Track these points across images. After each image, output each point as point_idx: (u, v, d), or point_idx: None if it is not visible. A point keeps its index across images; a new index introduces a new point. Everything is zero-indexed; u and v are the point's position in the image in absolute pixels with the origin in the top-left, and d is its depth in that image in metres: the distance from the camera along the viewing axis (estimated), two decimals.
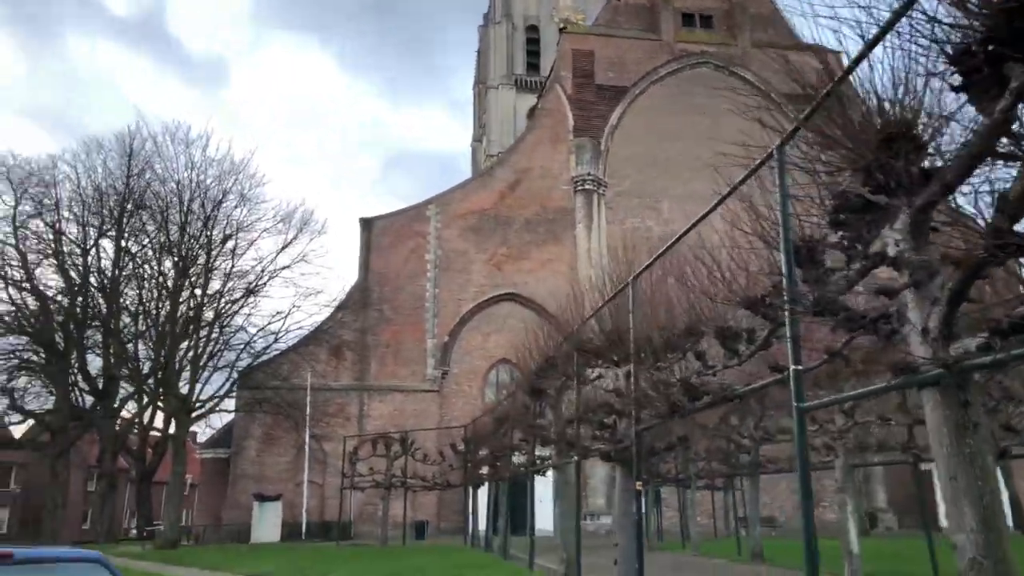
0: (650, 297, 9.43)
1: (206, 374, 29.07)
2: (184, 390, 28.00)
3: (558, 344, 13.24)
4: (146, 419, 35.56)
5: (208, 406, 29.56)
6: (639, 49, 40.59)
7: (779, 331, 6.61)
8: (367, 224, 36.71)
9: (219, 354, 29.52)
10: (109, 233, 33.08)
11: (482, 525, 24.82)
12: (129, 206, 32.67)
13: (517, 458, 17.57)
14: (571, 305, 13.84)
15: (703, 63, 40.68)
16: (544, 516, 23.93)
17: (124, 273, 32.63)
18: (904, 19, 4.05)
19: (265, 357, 30.83)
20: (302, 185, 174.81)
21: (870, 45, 4.87)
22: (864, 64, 5.04)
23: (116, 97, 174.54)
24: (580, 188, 37.68)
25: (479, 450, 24.23)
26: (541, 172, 38.18)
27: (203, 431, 36.24)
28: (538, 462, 15.09)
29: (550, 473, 23.06)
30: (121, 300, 32.16)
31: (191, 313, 29.24)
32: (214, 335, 29.26)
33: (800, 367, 5.78)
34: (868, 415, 13.53)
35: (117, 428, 32.90)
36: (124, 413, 35.29)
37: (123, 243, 31.93)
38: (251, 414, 32.35)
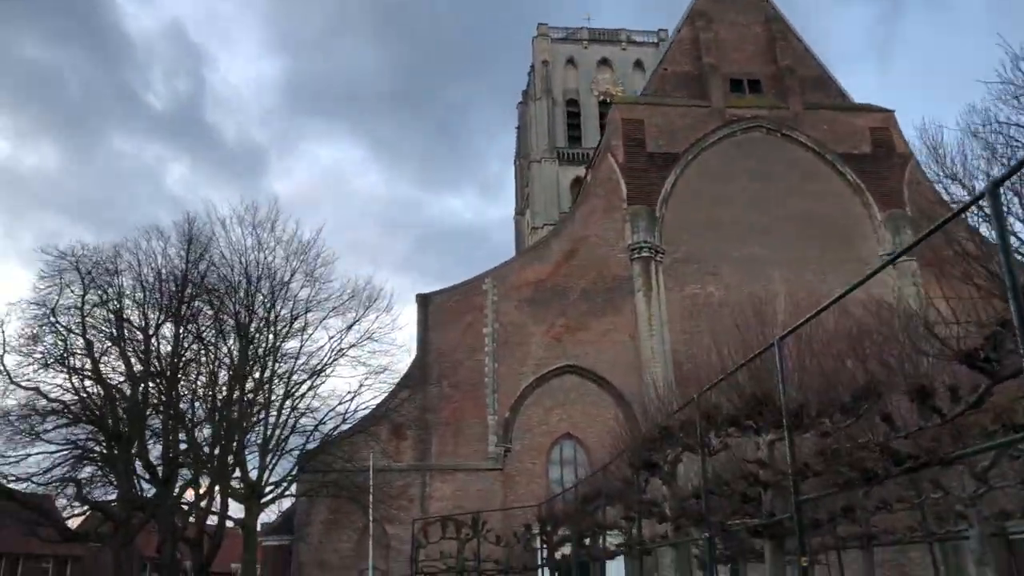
0: (797, 359, 8.74)
1: (272, 458, 28.45)
2: (252, 475, 27.42)
3: (668, 414, 12.48)
4: (203, 506, 34.87)
5: (277, 491, 28.90)
6: (689, 116, 40.59)
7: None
8: (424, 300, 36.45)
9: (288, 437, 29.02)
10: (171, 318, 33.11)
11: None
12: (188, 290, 32.84)
13: (614, 538, 16.55)
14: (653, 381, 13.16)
15: (755, 127, 40.50)
16: None
17: (186, 358, 32.53)
18: None
19: (330, 439, 30.21)
20: (343, 267, 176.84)
21: None
22: None
23: (157, 189, 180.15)
24: (637, 256, 37.19)
25: (557, 530, 23.16)
26: (597, 241, 37.83)
27: (261, 517, 35.40)
28: (647, 541, 14.11)
29: (620, 557, 21.96)
30: (183, 385, 31.97)
31: (258, 396, 28.91)
32: (283, 418, 28.79)
33: None
34: (1004, 479, 12.45)
35: (178, 517, 32.26)
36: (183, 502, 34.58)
37: (185, 327, 31.92)
38: (312, 499, 31.59)
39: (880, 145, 40.37)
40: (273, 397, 28.88)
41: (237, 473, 28.30)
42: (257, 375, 29.39)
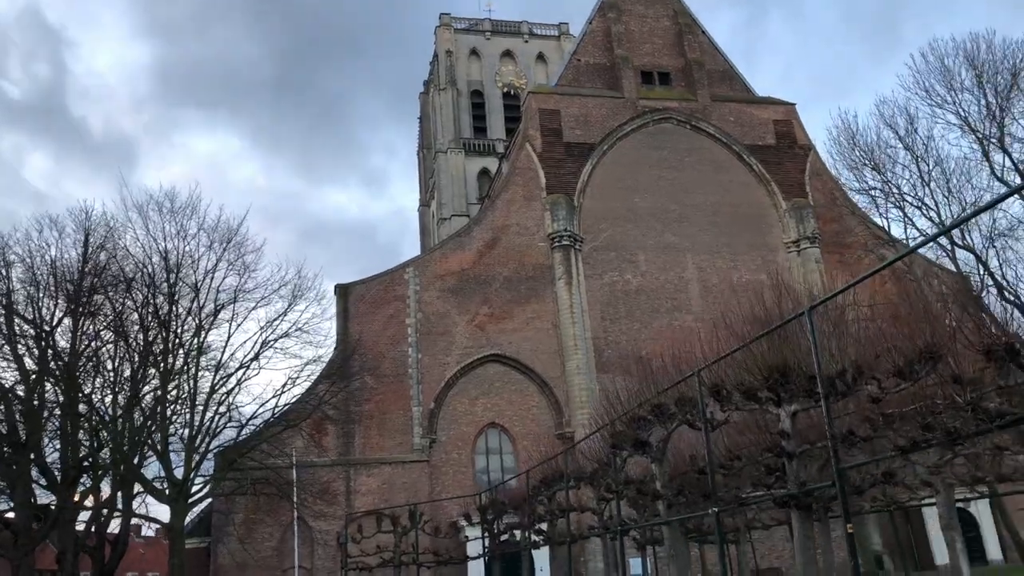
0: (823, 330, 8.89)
1: (199, 455, 26.90)
2: (158, 476, 25.83)
3: (658, 391, 12.49)
4: (107, 511, 32.72)
5: (204, 489, 27.37)
6: (603, 107, 41.14)
7: None
8: (343, 291, 35.43)
9: (217, 433, 27.53)
10: (69, 313, 30.86)
11: None
12: (87, 283, 30.72)
13: (584, 518, 16.50)
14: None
15: (666, 118, 41.47)
16: None
17: (88, 354, 30.39)
18: None
19: (252, 435, 28.89)
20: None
21: None
22: None
23: (15, 181, 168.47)
24: (557, 245, 37.44)
25: (502, 517, 23.00)
26: (517, 230, 37.84)
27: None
28: (627, 521, 14.14)
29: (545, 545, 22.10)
30: (87, 383, 29.86)
31: (180, 391, 27.30)
32: (209, 414, 27.25)
33: None
34: (973, 446, 13.13)
35: (84, 524, 30.11)
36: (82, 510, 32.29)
37: (91, 321, 29.82)
38: (231, 498, 30.18)
39: (783, 137, 42.18)
40: (198, 391, 27.30)
41: (161, 473, 26.61)
42: (179, 368, 27.70)
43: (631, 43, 43.38)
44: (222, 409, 27.59)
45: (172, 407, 27.54)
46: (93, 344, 31.27)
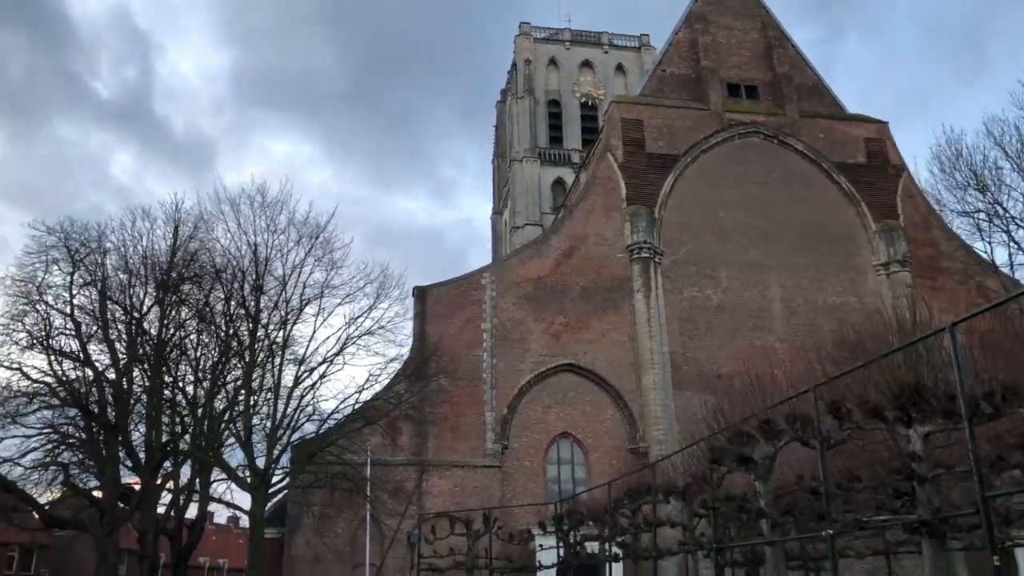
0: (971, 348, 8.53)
1: (282, 446, 27.51)
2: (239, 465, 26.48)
3: (764, 407, 12.17)
4: (186, 496, 33.68)
5: (285, 480, 27.93)
6: (687, 118, 40.61)
7: None
8: (421, 293, 35.73)
9: (299, 425, 28.12)
10: (158, 302, 31.96)
11: None
12: (175, 273, 31.79)
13: (671, 533, 16.19)
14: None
15: (753, 132, 40.72)
16: None
17: (174, 342, 31.39)
18: None
19: (330, 430, 29.35)
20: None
21: None
22: None
23: (103, 177, 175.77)
24: (636, 256, 37.02)
25: (579, 527, 22.77)
26: (596, 240, 37.57)
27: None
28: (724, 539, 13.79)
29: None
30: (174, 368, 30.85)
31: (265, 381, 27.94)
32: (291, 406, 27.86)
33: None
34: None
35: (164, 507, 31.07)
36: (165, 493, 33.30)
37: (176, 310, 30.83)
38: (306, 491, 30.66)
39: (874, 156, 40.99)
40: (281, 384, 27.90)
41: (244, 461, 27.26)
42: (261, 360, 28.35)
43: (718, 55, 42.79)
44: (303, 403, 28.06)
45: (255, 397, 28.14)
46: (179, 333, 32.37)
